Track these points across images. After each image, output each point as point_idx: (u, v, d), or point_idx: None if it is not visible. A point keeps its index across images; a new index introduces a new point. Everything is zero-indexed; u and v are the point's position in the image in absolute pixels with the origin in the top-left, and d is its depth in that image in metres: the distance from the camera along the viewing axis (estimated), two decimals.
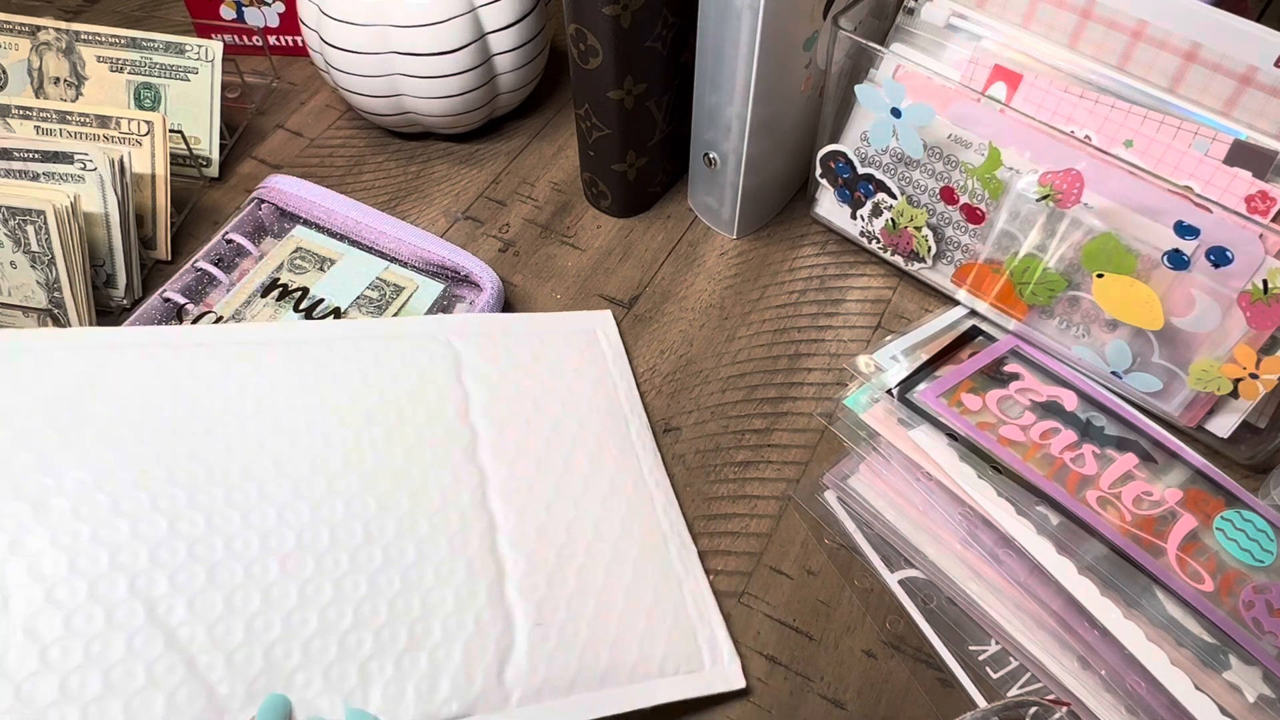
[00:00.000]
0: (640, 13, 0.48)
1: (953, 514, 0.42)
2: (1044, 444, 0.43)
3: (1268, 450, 0.46)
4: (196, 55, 0.59)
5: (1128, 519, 0.41)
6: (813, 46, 0.51)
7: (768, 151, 0.54)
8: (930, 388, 0.45)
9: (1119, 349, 0.47)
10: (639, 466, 0.45)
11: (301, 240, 0.54)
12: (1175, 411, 0.47)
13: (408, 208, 0.60)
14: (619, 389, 0.49)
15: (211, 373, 0.42)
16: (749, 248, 0.58)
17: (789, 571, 0.44)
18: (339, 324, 0.47)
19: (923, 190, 0.50)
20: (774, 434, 0.49)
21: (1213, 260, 0.41)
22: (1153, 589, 0.39)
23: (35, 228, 0.48)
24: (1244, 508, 0.42)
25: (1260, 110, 0.44)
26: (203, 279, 0.52)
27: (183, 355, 0.42)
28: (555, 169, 0.63)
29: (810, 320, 0.54)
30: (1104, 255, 0.45)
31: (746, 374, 0.52)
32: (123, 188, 0.51)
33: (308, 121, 0.66)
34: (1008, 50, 0.50)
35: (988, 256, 0.50)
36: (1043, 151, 0.45)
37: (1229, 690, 0.36)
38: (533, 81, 0.63)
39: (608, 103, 0.52)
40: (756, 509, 0.46)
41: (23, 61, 0.60)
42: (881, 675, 0.41)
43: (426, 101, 0.58)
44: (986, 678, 0.40)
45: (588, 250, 0.58)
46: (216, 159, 0.61)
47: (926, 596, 0.43)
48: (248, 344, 0.44)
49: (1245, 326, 0.42)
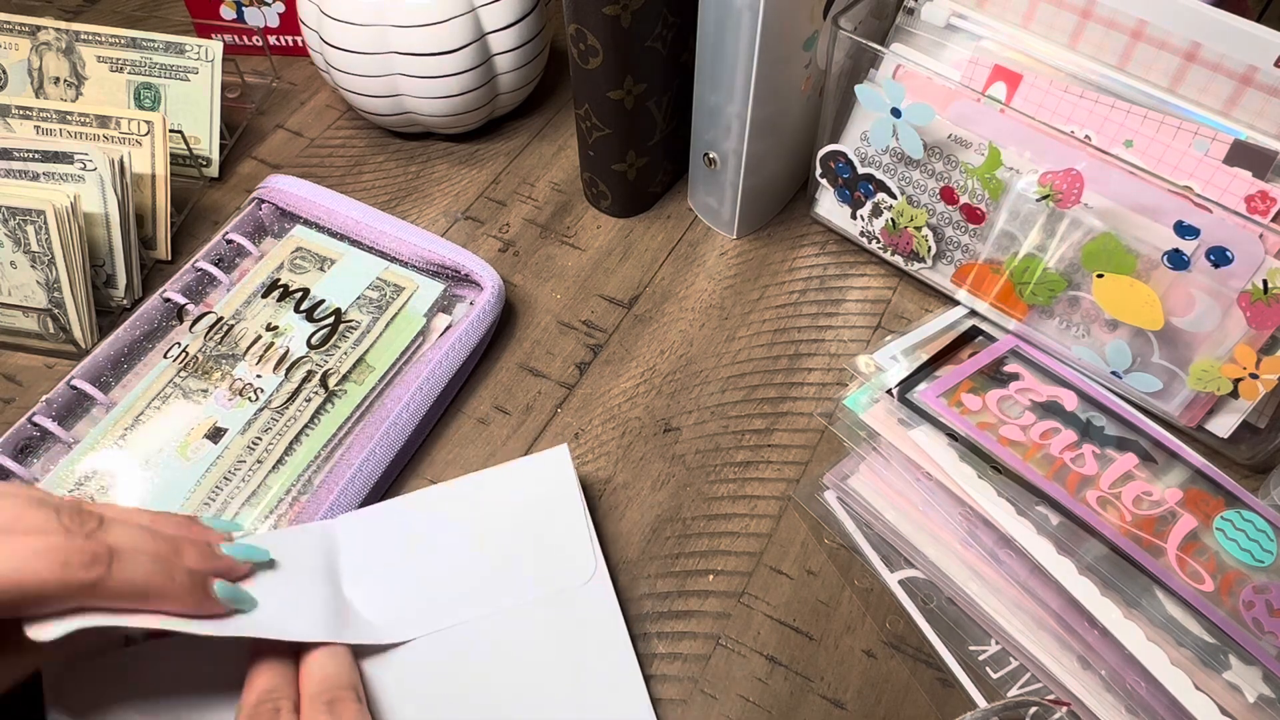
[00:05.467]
0: (640, 12, 0.48)
1: (953, 514, 0.42)
2: (1044, 444, 0.43)
3: (1268, 450, 0.46)
4: (196, 55, 0.59)
5: (1128, 519, 0.41)
6: (813, 46, 0.51)
7: (768, 151, 0.54)
8: (930, 388, 0.45)
9: (1119, 349, 0.47)
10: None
11: (301, 240, 0.54)
12: (1175, 411, 0.47)
13: (408, 208, 0.60)
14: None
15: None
16: (749, 248, 0.58)
17: (789, 571, 0.44)
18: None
19: (923, 190, 0.50)
20: (774, 434, 0.49)
21: (1213, 260, 0.41)
22: (1153, 589, 0.39)
23: (35, 228, 0.48)
24: (1244, 508, 0.42)
25: (1260, 110, 0.44)
26: (203, 279, 0.52)
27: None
28: (555, 169, 0.63)
29: (810, 320, 0.54)
30: (1104, 255, 0.45)
31: (746, 374, 0.52)
32: (123, 188, 0.51)
33: (308, 121, 0.66)
34: (1008, 50, 0.49)
35: (988, 256, 0.50)
36: (1043, 151, 0.45)
37: (1229, 690, 0.36)
38: (533, 81, 0.63)
39: (608, 103, 0.52)
40: (756, 509, 0.46)
41: (23, 61, 0.60)
42: (881, 675, 0.41)
43: (426, 101, 0.58)
44: (986, 678, 0.40)
45: (588, 250, 0.58)
46: (216, 159, 0.61)
47: (926, 596, 0.43)
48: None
49: (1245, 326, 0.42)
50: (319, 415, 0.47)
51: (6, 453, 0.44)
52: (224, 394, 0.47)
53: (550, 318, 0.55)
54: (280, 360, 0.48)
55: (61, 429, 0.46)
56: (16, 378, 0.51)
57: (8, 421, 0.47)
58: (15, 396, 0.50)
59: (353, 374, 0.48)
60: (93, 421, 0.47)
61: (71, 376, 0.47)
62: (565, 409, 0.50)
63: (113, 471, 0.44)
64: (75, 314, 0.50)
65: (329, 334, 0.50)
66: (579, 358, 0.53)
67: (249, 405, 0.47)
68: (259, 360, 0.48)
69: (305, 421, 0.46)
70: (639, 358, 0.52)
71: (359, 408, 0.47)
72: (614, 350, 0.53)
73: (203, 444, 0.45)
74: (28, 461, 0.45)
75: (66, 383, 0.47)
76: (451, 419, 0.50)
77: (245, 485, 0.44)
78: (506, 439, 0.49)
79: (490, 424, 0.50)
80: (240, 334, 0.49)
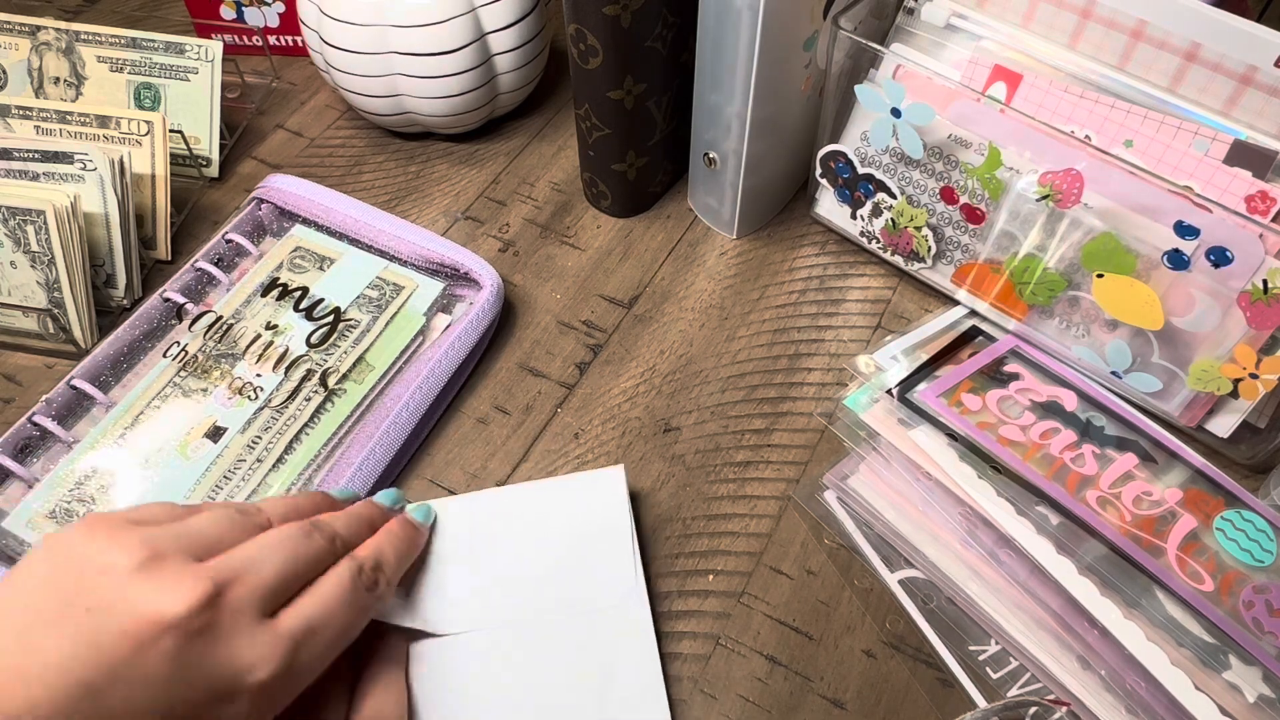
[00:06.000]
0: (640, 12, 0.48)
1: (952, 514, 0.42)
2: (1044, 444, 0.43)
3: (1268, 450, 0.46)
4: (196, 55, 0.59)
5: (1128, 519, 0.41)
6: (813, 46, 0.51)
7: (768, 151, 0.54)
8: (930, 388, 0.45)
9: (1119, 349, 0.47)
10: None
11: (301, 239, 0.54)
12: (1175, 411, 0.47)
13: (408, 208, 0.60)
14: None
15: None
16: (749, 248, 0.58)
17: (789, 571, 0.44)
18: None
19: (923, 190, 0.50)
20: (774, 434, 0.49)
21: (1213, 260, 0.41)
22: (1153, 589, 0.39)
23: (35, 228, 0.48)
24: (1244, 508, 0.42)
25: (1260, 110, 0.44)
26: (202, 279, 0.52)
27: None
28: (555, 169, 0.63)
29: (810, 320, 0.54)
30: (1104, 255, 0.45)
31: (746, 374, 0.52)
32: (123, 188, 0.51)
33: (308, 121, 0.66)
34: (1008, 50, 0.49)
35: (988, 256, 0.50)
36: (1043, 151, 0.45)
37: (1229, 690, 0.36)
38: (533, 81, 0.63)
39: (608, 103, 0.52)
40: (756, 509, 0.46)
41: (23, 61, 0.60)
42: (881, 675, 0.41)
43: (426, 101, 0.58)
44: (986, 678, 0.40)
45: (588, 250, 0.58)
46: (216, 159, 0.61)
47: (926, 596, 0.43)
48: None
49: (1245, 326, 0.42)
50: (319, 414, 0.47)
51: (6, 453, 0.44)
52: (224, 393, 0.47)
53: (550, 318, 0.55)
54: (280, 359, 0.48)
55: (61, 429, 0.46)
56: (16, 378, 0.51)
57: (8, 421, 0.47)
58: (15, 396, 0.50)
59: (352, 373, 0.48)
60: (93, 421, 0.47)
61: (71, 376, 0.47)
62: (565, 409, 0.50)
63: (113, 471, 0.44)
64: (75, 314, 0.50)
65: (328, 333, 0.50)
66: (579, 358, 0.53)
67: (249, 404, 0.47)
68: (258, 359, 0.48)
69: (305, 421, 0.47)
70: (639, 358, 0.52)
71: (359, 407, 0.47)
72: (614, 350, 0.53)
73: (203, 443, 0.45)
74: (28, 461, 0.45)
75: (66, 382, 0.47)
76: (451, 419, 0.50)
77: (245, 484, 0.44)
78: (506, 439, 0.49)
79: (490, 424, 0.50)
80: (240, 333, 0.49)
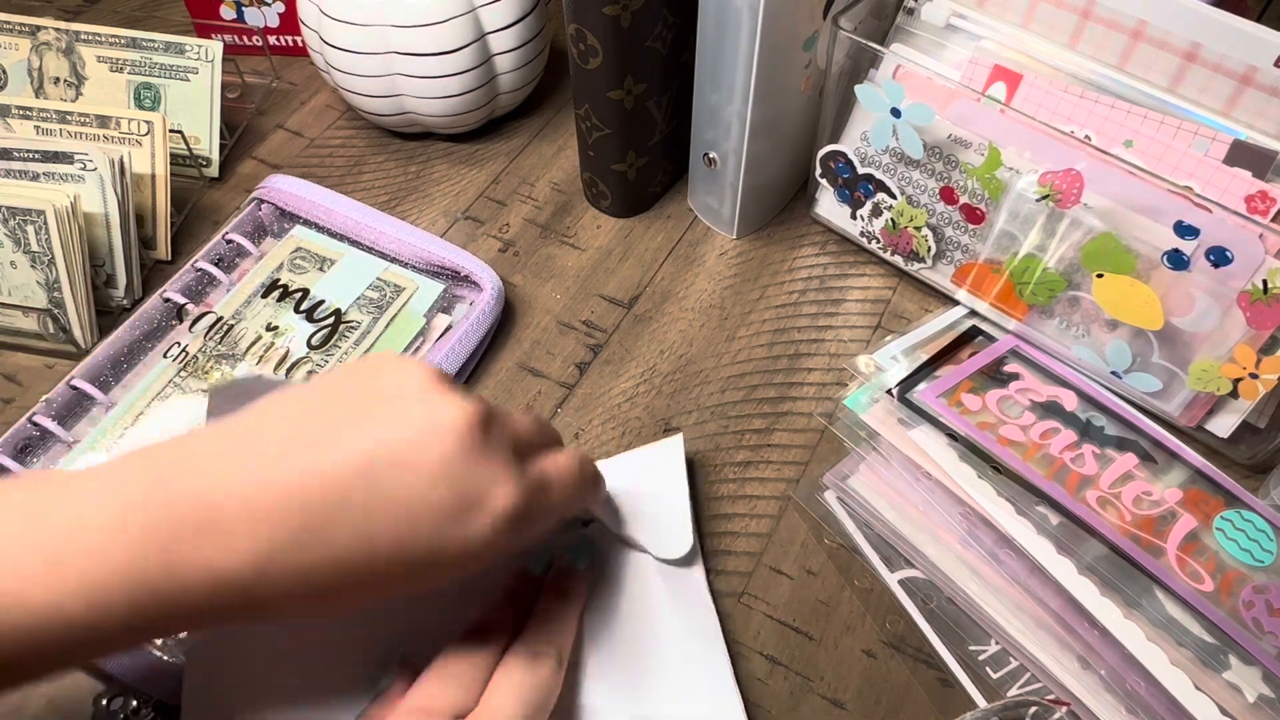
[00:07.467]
0: (640, 13, 0.48)
1: (952, 514, 0.42)
2: (1044, 444, 0.43)
3: (1268, 450, 0.46)
4: (196, 55, 0.59)
5: (1127, 519, 0.41)
6: (813, 46, 0.51)
7: (768, 151, 0.54)
8: (930, 388, 0.45)
9: (1119, 349, 0.47)
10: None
11: (301, 240, 0.54)
12: (1175, 411, 0.47)
13: (408, 208, 0.60)
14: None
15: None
16: (749, 248, 0.58)
17: (789, 571, 0.44)
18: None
19: (923, 190, 0.50)
20: (774, 434, 0.49)
21: (1213, 260, 0.41)
22: (1153, 589, 0.39)
23: (35, 228, 0.48)
24: (1244, 508, 0.42)
25: (1260, 110, 0.44)
26: (203, 279, 0.52)
27: None
28: (555, 169, 0.63)
29: (810, 320, 0.54)
30: (1104, 255, 0.45)
31: (746, 374, 0.52)
32: (123, 188, 0.51)
33: (308, 121, 0.66)
34: (1008, 50, 0.49)
35: (988, 256, 0.50)
36: (1043, 151, 0.45)
37: (1229, 690, 0.36)
38: (533, 81, 0.63)
39: (608, 103, 0.52)
40: (756, 509, 0.46)
41: (23, 61, 0.60)
42: (881, 675, 0.41)
43: (426, 101, 0.58)
44: (986, 678, 0.40)
45: (588, 250, 0.58)
46: (216, 159, 0.61)
47: (926, 596, 0.43)
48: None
49: (1245, 326, 0.42)
50: None
51: (7, 453, 0.45)
52: None
53: (550, 318, 0.55)
54: (280, 360, 0.48)
55: (62, 429, 0.46)
56: (16, 378, 0.51)
57: (8, 421, 0.47)
58: (15, 396, 0.50)
59: None
60: (93, 421, 0.47)
61: (71, 376, 0.47)
62: (565, 409, 0.50)
63: None
64: (75, 314, 0.50)
65: (329, 334, 0.50)
66: (579, 358, 0.53)
67: None
68: (259, 360, 0.49)
69: None
70: (639, 358, 0.52)
71: None
72: (614, 350, 0.53)
73: None
74: (28, 462, 0.45)
75: (66, 383, 0.47)
76: None
77: None
78: None
79: None
80: (240, 334, 0.49)
